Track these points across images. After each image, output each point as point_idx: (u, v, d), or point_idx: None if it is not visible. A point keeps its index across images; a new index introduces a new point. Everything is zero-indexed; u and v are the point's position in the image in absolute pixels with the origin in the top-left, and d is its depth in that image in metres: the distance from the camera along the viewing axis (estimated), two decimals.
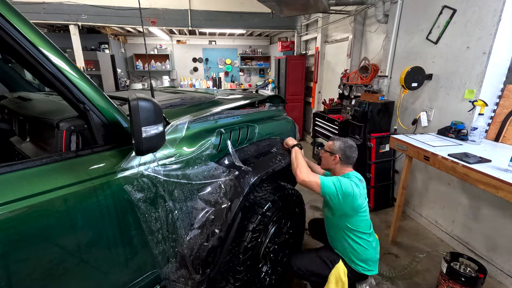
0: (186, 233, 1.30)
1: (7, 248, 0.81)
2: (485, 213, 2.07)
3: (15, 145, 1.43)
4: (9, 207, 0.79)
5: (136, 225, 1.12)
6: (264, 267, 1.70)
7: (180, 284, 1.31)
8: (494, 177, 1.41)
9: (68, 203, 0.92)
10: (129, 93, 1.28)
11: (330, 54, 4.72)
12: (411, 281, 1.98)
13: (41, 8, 4.33)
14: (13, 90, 2.12)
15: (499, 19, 1.91)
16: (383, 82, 3.05)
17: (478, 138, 1.96)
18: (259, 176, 1.48)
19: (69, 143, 1.04)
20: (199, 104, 1.65)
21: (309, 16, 5.16)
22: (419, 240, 2.47)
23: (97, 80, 5.20)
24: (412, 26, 2.71)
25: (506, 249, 1.93)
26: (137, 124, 0.92)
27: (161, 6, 4.73)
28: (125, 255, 1.13)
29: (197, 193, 1.33)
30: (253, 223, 1.47)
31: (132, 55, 7.29)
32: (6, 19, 0.78)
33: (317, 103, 5.15)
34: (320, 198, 3.22)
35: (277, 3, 3.25)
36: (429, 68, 2.51)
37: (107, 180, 1.01)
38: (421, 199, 2.73)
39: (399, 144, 2.15)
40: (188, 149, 1.30)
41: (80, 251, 0.98)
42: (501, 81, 2.07)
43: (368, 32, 3.62)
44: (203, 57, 8.00)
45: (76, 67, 0.96)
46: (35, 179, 0.87)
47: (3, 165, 0.83)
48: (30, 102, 1.53)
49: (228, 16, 5.09)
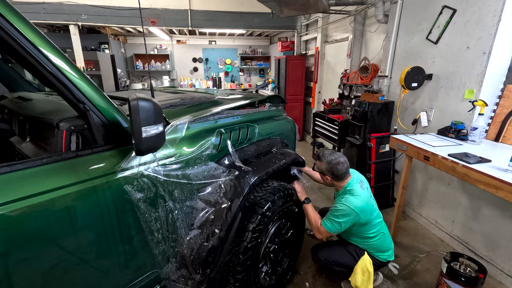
0: (186, 233, 1.30)
1: (7, 248, 0.81)
2: (485, 213, 2.07)
3: (15, 145, 1.43)
4: (9, 207, 0.79)
5: (136, 225, 1.12)
6: (264, 267, 1.70)
7: (180, 284, 1.31)
8: (494, 177, 1.41)
9: (68, 203, 0.92)
10: (129, 93, 1.28)
11: (330, 54, 4.72)
12: (411, 281, 1.98)
13: (41, 8, 4.33)
14: (13, 90, 2.12)
15: (499, 19, 1.91)
16: (383, 82, 3.05)
17: (478, 138, 1.96)
18: (259, 176, 1.48)
19: (69, 143, 1.04)
20: (199, 104, 1.65)
21: (309, 16, 5.16)
22: (419, 240, 2.47)
23: (97, 80, 5.20)
24: (412, 26, 2.71)
25: (506, 249, 1.93)
26: (137, 124, 0.92)
27: (161, 6, 4.73)
28: (125, 255, 1.13)
29: (197, 193, 1.33)
30: (253, 223, 1.47)
31: (132, 55, 7.29)
32: (6, 19, 0.78)
33: (317, 103, 5.15)
34: (319, 198, 3.22)
35: (277, 3, 3.25)
36: (429, 68, 2.51)
37: (107, 180, 1.01)
38: (421, 199, 2.73)
39: (399, 144, 2.15)
40: (188, 149, 1.30)
41: (80, 251, 0.98)
42: (501, 81, 2.07)
43: (368, 32, 3.62)
44: (203, 57, 8.00)
45: (76, 67, 0.96)
46: (35, 179, 0.87)
47: (3, 165, 0.83)
48: (30, 102, 1.53)
49: (228, 16, 5.09)
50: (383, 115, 2.92)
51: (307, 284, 1.97)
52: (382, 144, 2.90)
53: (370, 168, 2.90)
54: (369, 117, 2.86)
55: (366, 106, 2.85)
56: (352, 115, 3.12)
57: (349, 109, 3.35)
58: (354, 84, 3.55)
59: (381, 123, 2.93)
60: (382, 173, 2.95)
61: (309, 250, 2.00)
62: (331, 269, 1.85)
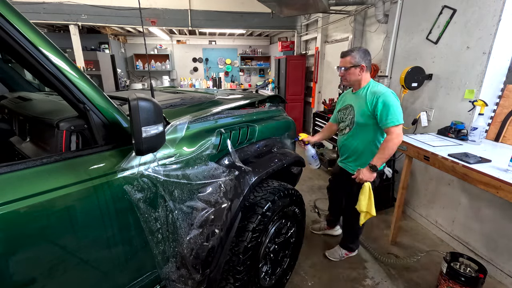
0: (186, 233, 1.30)
1: (7, 248, 0.81)
2: (485, 213, 2.07)
3: (15, 145, 1.43)
4: (9, 207, 0.79)
5: (136, 225, 1.12)
6: (264, 267, 1.70)
7: (180, 284, 1.30)
8: (494, 177, 1.41)
9: (68, 203, 0.91)
10: (129, 93, 1.28)
11: (330, 54, 4.72)
12: (411, 281, 1.98)
13: (41, 8, 4.33)
14: (13, 90, 2.12)
15: (499, 19, 1.91)
16: (383, 82, 3.06)
17: (478, 138, 1.96)
18: (259, 176, 1.48)
19: (69, 143, 1.04)
20: (199, 104, 1.65)
21: (309, 16, 5.16)
22: (419, 240, 2.47)
23: (97, 80, 5.20)
24: (412, 26, 2.71)
25: (506, 249, 1.93)
26: (137, 124, 0.92)
27: (161, 6, 4.73)
28: (125, 255, 1.13)
29: (197, 193, 1.32)
30: (253, 223, 1.47)
31: (132, 55, 7.29)
32: (6, 19, 0.78)
33: (317, 103, 5.15)
34: (318, 199, 3.22)
35: (277, 3, 3.25)
36: (429, 68, 2.51)
37: (107, 180, 1.01)
38: (421, 199, 2.73)
39: None
40: (188, 149, 1.30)
41: (80, 251, 0.98)
42: (501, 81, 2.07)
43: (368, 32, 3.62)
44: (203, 57, 8.00)
45: (76, 67, 0.95)
46: (35, 179, 0.87)
47: (3, 165, 0.83)
48: (30, 102, 1.53)
49: (228, 16, 5.09)
50: None
51: (307, 284, 1.97)
52: None
53: None
54: None
55: None
56: None
57: None
58: None
59: None
60: (382, 173, 2.94)
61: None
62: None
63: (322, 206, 3.00)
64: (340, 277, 2.02)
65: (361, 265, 2.14)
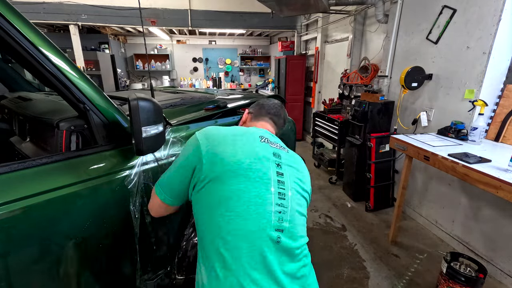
0: (185, 233, 1.30)
1: (7, 248, 0.81)
2: (485, 213, 2.07)
3: (15, 145, 1.43)
4: (9, 207, 0.79)
5: (135, 225, 1.12)
6: None
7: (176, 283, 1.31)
8: (494, 177, 1.41)
9: (68, 203, 0.91)
10: (129, 93, 1.28)
11: (330, 54, 4.72)
12: (411, 281, 1.98)
13: (41, 8, 4.33)
14: (13, 90, 2.12)
15: (499, 19, 1.91)
16: (383, 82, 3.06)
17: (478, 138, 1.96)
18: None
19: (69, 143, 1.04)
20: (199, 104, 1.65)
21: (309, 16, 5.16)
22: (419, 240, 2.47)
23: (97, 80, 5.20)
24: (412, 26, 2.71)
25: (506, 249, 1.93)
26: (137, 124, 0.92)
27: (161, 6, 4.73)
28: (125, 255, 1.13)
29: None
30: None
31: (132, 55, 7.28)
32: (6, 19, 0.78)
33: (317, 103, 5.15)
34: (319, 198, 3.22)
35: (277, 3, 3.25)
36: (429, 68, 2.51)
37: (107, 180, 1.01)
38: (421, 199, 2.73)
39: (399, 144, 2.15)
40: None
41: (80, 251, 0.98)
42: (501, 81, 2.07)
43: (368, 32, 3.62)
44: (203, 57, 7.99)
45: (76, 67, 0.96)
46: (35, 179, 0.87)
47: (3, 165, 0.83)
48: (30, 102, 1.53)
49: (228, 16, 5.09)
50: (383, 115, 2.92)
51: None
52: (382, 144, 2.90)
53: (370, 168, 2.90)
54: (369, 117, 2.86)
55: (366, 106, 2.85)
56: (352, 115, 3.12)
57: (349, 109, 3.35)
58: (354, 84, 3.55)
59: (381, 123, 2.93)
60: (382, 173, 2.95)
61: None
62: None
63: (322, 206, 3.00)
64: (340, 277, 2.02)
65: (361, 265, 2.14)
